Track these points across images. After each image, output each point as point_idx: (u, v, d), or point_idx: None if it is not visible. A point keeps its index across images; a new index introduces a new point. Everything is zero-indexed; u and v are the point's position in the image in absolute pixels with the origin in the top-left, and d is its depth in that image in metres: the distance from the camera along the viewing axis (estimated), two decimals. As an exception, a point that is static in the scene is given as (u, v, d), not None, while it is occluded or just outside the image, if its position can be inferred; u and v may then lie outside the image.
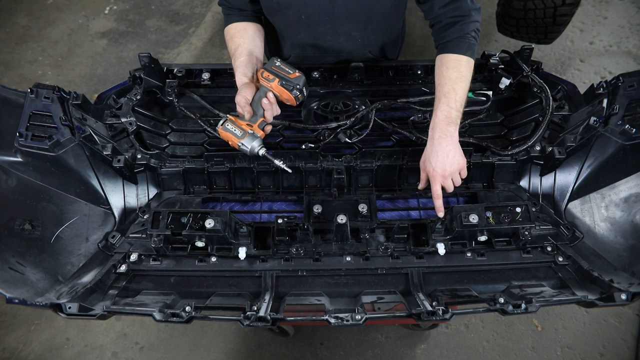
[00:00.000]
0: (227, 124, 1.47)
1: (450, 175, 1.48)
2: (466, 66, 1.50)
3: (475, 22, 1.53)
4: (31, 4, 3.95)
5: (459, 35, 1.51)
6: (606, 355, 2.44)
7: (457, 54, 1.50)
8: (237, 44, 1.58)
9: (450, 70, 1.49)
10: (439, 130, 1.45)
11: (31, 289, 1.36)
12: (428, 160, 1.50)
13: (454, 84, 1.47)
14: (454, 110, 1.46)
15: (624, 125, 1.55)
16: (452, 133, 1.46)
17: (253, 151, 1.48)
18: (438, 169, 1.46)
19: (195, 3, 3.95)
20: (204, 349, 2.47)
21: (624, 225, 1.58)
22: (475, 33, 1.54)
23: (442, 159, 1.46)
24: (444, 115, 1.45)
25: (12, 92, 1.58)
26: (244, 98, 1.45)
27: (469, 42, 1.51)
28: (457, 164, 1.48)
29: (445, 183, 1.49)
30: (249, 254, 1.54)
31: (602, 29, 3.58)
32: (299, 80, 1.46)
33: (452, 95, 1.46)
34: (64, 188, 1.62)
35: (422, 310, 1.31)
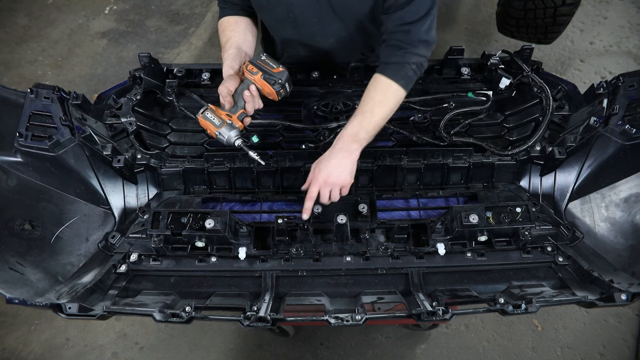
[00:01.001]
0: (207, 112, 1.49)
1: (331, 186, 1.46)
2: (394, 94, 1.45)
3: (418, 56, 1.45)
4: (31, 4, 3.95)
5: (398, 62, 1.45)
6: (606, 355, 2.44)
7: (389, 79, 1.44)
8: (228, 37, 1.59)
9: (377, 92, 1.46)
10: (342, 142, 1.45)
11: (31, 289, 1.36)
12: (319, 163, 1.48)
13: (375, 106, 1.44)
14: (364, 132, 1.44)
15: (624, 125, 1.55)
16: (353, 150, 1.45)
17: (229, 141, 1.49)
18: (323, 173, 1.45)
19: (195, 3, 3.95)
20: (204, 349, 2.47)
21: (624, 225, 1.58)
22: (416, 67, 1.46)
23: (332, 168, 1.44)
24: (353, 131, 1.44)
25: (12, 92, 1.58)
26: (226, 88, 1.47)
27: (405, 72, 1.45)
28: (344, 179, 1.46)
29: (323, 190, 1.46)
30: (249, 254, 1.54)
31: (602, 29, 3.58)
32: (281, 75, 1.47)
33: (368, 116, 1.43)
34: (64, 188, 1.62)
35: (422, 311, 1.31)
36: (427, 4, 1.41)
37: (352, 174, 1.48)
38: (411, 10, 1.41)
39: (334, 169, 1.44)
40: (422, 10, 1.41)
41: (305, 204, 1.49)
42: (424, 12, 1.41)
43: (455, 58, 1.83)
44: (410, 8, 1.40)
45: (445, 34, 3.61)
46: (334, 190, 1.47)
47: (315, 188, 1.46)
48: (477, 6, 3.76)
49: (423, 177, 1.77)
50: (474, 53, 3.37)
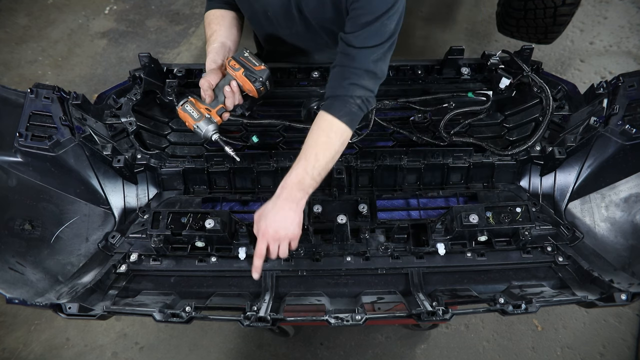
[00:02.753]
0: (187, 105, 1.50)
1: (279, 241, 1.36)
2: (337, 133, 1.34)
3: (363, 89, 1.34)
4: (31, 4, 3.95)
5: (342, 95, 1.34)
6: (606, 355, 2.44)
7: (333, 116, 1.34)
8: (213, 30, 1.59)
9: (320, 133, 1.35)
10: (287, 192, 1.35)
11: (31, 289, 1.36)
12: (264, 217, 1.36)
13: (319, 150, 1.34)
14: (309, 178, 1.34)
15: (624, 125, 1.55)
16: (299, 199, 1.36)
17: (207, 135, 1.49)
18: (271, 229, 1.34)
19: (195, 3, 3.94)
20: (204, 349, 2.47)
21: (624, 225, 1.58)
22: (362, 102, 1.35)
23: (279, 222, 1.34)
24: (297, 178, 1.34)
25: (12, 92, 1.58)
26: (207, 82, 1.47)
27: (349, 108, 1.34)
28: (292, 233, 1.37)
29: (272, 246, 1.37)
30: (249, 254, 1.54)
31: (602, 29, 3.57)
32: (262, 73, 1.48)
33: (312, 160, 1.34)
34: (64, 188, 1.62)
35: (422, 311, 1.31)
36: (381, 35, 1.31)
37: (300, 225, 1.38)
38: (362, 36, 1.31)
39: (282, 222, 1.34)
40: (374, 39, 1.31)
41: (255, 262, 1.37)
42: (376, 42, 1.31)
43: (455, 58, 1.83)
44: (362, 34, 1.31)
45: (445, 34, 3.61)
46: (282, 245, 1.37)
47: (263, 245, 1.36)
48: (477, 6, 3.76)
49: (423, 177, 1.77)
50: (474, 53, 3.37)
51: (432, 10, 3.72)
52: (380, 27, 1.30)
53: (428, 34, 3.59)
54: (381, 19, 1.29)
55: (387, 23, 1.30)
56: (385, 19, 1.29)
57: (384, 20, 1.29)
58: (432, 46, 3.52)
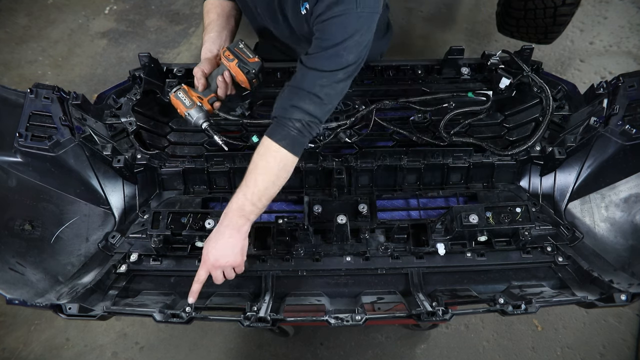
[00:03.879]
0: (179, 92, 1.51)
1: (221, 268, 1.36)
2: (276, 157, 1.31)
3: (302, 111, 1.29)
4: (31, 4, 3.95)
5: (280, 116, 1.32)
6: (606, 355, 2.44)
7: (271, 140, 1.31)
8: (210, 19, 1.60)
9: (259, 157, 1.33)
10: (228, 219, 1.34)
11: (31, 289, 1.36)
12: (207, 243, 1.36)
13: (258, 175, 1.32)
14: (249, 204, 1.32)
15: (624, 125, 1.55)
16: (240, 226, 1.34)
17: (197, 123, 1.51)
18: (211, 256, 1.34)
19: (195, 3, 3.94)
20: (204, 349, 2.47)
21: (624, 226, 1.58)
22: (302, 126, 1.30)
23: (219, 250, 1.34)
24: (237, 205, 1.33)
25: (12, 92, 1.58)
26: (201, 70, 1.48)
27: (288, 132, 1.30)
28: (234, 260, 1.36)
29: (215, 273, 1.37)
30: (249, 254, 1.54)
31: (602, 29, 3.57)
32: (255, 66, 1.50)
33: (251, 185, 1.32)
34: (64, 188, 1.62)
35: (422, 311, 1.31)
36: (335, 63, 1.27)
37: (242, 253, 1.37)
38: (315, 58, 1.28)
39: (223, 250, 1.34)
40: (326, 65, 1.27)
41: (193, 287, 1.37)
42: (328, 67, 1.27)
43: (455, 58, 1.83)
44: (316, 56, 1.28)
45: (445, 34, 3.61)
46: (227, 272, 1.39)
47: (203, 271, 1.36)
48: (477, 6, 3.75)
49: (423, 177, 1.77)
50: (474, 53, 3.36)
51: (432, 10, 3.72)
52: (334, 54, 1.26)
53: (428, 34, 3.58)
54: (337, 48, 1.26)
55: (342, 53, 1.26)
56: (341, 48, 1.26)
57: (339, 50, 1.26)
58: (432, 46, 3.51)
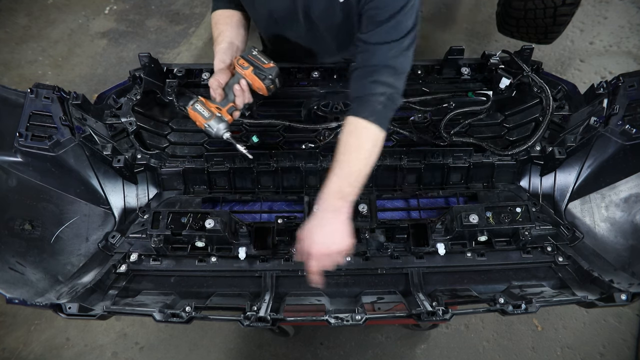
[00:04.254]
0: (197, 104, 1.49)
1: (330, 256, 1.31)
2: (368, 135, 1.31)
3: (384, 85, 1.30)
4: (31, 4, 3.95)
5: (363, 95, 1.32)
6: (606, 355, 2.44)
7: (359, 118, 1.30)
8: (220, 30, 1.59)
9: (350, 137, 1.32)
10: (327, 203, 1.30)
11: (31, 289, 1.36)
12: (310, 233, 1.31)
13: (351, 154, 1.31)
14: (347, 185, 1.30)
15: (624, 125, 1.55)
16: (341, 209, 1.30)
17: (218, 134, 1.48)
18: (320, 245, 1.29)
19: (195, 3, 3.94)
20: (204, 349, 2.47)
21: (624, 226, 1.58)
22: (385, 99, 1.31)
23: (327, 236, 1.30)
24: (335, 188, 1.30)
25: (12, 92, 1.58)
26: (217, 81, 1.47)
27: (373, 107, 1.30)
28: (342, 244, 1.31)
29: (325, 262, 1.31)
30: (249, 254, 1.54)
31: (602, 29, 3.57)
32: (272, 71, 1.48)
33: (345, 167, 1.30)
34: (64, 188, 1.62)
35: (422, 311, 1.31)
36: (399, 31, 1.30)
37: (348, 235, 1.32)
38: (379, 33, 1.31)
39: (330, 236, 1.30)
40: (391, 35, 1.30)
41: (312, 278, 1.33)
42: (394, 37, 1.30)
43: (455, 58, 1.83)
44: (379, 31, 1.31)
45: (445, 34, 3.61)
46: (336, 257, 1.32)
47: (313, 262, 1.31)
48: (477, 6, 3.75)
49: (423, 177, 1.77)
50: (474, 53, 3.36)
51: (432, 10, 3.72)
52: (396, 24, 1.30)
53: (428, 34, 3.58)
54: (397, 17, 1.29)
55: (402, 20, 1.30)
56: (401, 15, 1.29)
57: (400, 18, 1.29)
58: (432, 46, 3.51)
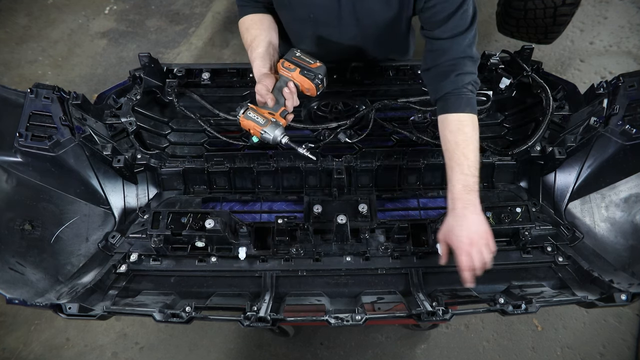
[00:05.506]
0: (249, 112, 1.44)
1: (477, 246, 1.32)
2: (470, 125, 1.39)
3: (469, 74, 1.39)
4: (31, 4, 3.95)
5: (453, 90, 1.39)
6: (606, 355, 2.44)
7: (457, 114, 1.38)
8: (254, 35, 1.56)
9: (454, 134, 1.38)
10: (461, 200, 1.34)
11: (31, 289, 1.36)
12: (451, 232, 1.35)
13: (463, 149, 1.36)
14: (470, 177, 1.35)
15: (624, 125, 1.55)
16: (474, 201, 1.35)
17: (276, 139, 1.45)
18: (464, 238, 1.32)
19: (195, 3, 3.94)
20: (204, 349, 2.47)
21: (624, 226, 1.58)
22: (472, 86, 1.40)
23: (468, 229, 1.33)
24: (461, 184, 1.35)
25: (12, 92, 1.58)
26: (264, 87, 1.43)
27: (467, 98, 1.38)
28: (485, 233, 1.34)
29: (475, 255, 1.32)
30: (249, 254, 1.54)
31: (602, 29, 3.57)
32: (320, 70, 1.45)
33: (464, 161, 1.35)
34: (64, 188, 1.62)
35: (422, 311, 1.31)
36: (465, 20, 1.37)
37: (486, 225, 1.36)
38: (449, 27, 1.37)
39: (471, 228, 1.33)
40: (461, 26, 1.37)
41: (464, 275, 1.33)
42: (463, 27, 1.37)
43: (455, 58, 1.83)
44: (448, 25, 1.37)
45: (445, 34, 3.61)
46: (483, 249, 1.33)
47: (465, 257, 1.32)
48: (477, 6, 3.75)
49: (423, 177, 1.77)
50: (474, 53, 3.36)
51: (432, 10, 3.71)
52: (463, 13, 1.36)
53: (428, 34, 3.58)
54: (462, 6, 1.36)
55: (467, 8, 1.37)
56: (465, 4, 1.36)
57: (464, 7, 1.36)
58: (432, 46, 3.51)
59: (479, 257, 1.33)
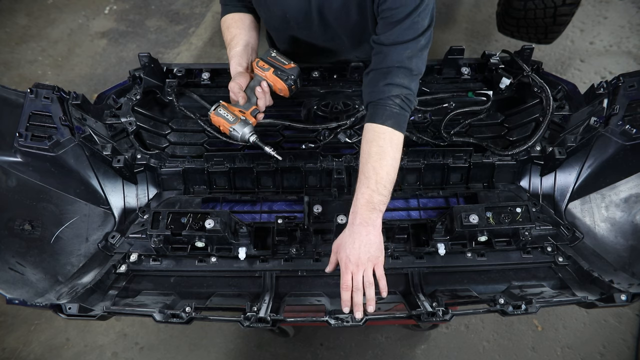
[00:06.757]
0: (220, 109, 1.48)
1: (363, 267, 1.28)
2: (388, 139, 1.29)
3: (399, 86, 1.30)
4: (31, 4, 3.95)
5: (378, 99, 1.32)
6: (606, 355, 2.44)
7: (376, 124, 1.30)
8: (233, 34, 1.58)
9: (369, 145, 1.30)
10: (360, 216, 1.28)
11: (31, 289, 1.36)
12: (343, 246, 1.31)
13: (375, 163, 1.28)
14: (377, 194, 1.28)
15: (624, 125, 1.55)
16: (374, 221, 1.29)
17: (244, 137, 1.48)
18: (352, 257, 1.27)
19: (195, 3, 3.95)
20: (204, 349, 2.47)
21: (624, 226, 1.58)
22: (401, 101, 1.30)
23: (359, 249, 1.27)
24: (365, 199, 1.28)
25: (12, 92, 1.58)
26: (237, 85, 1.46)
27: (390, 111, 1.29)
28: (375, 257, 1.29)
29: (356, 275, 1.28)
30: (249, 254, 1.54)
31: (602, 29, 3.58)
32: (293, 71, 1.48)
33: (372, 176, 1.28)
34: (64, 188, 1.62)
35: (422, 311, 1.31)
36: (414, 31, 1.30)
37: (382, 249, 1.32)
38: (394, 33, 1.31)
39: (364, 248, 1.28)
40: (406, 35, 1.30)
41: (343, 296, 1.29)
42: (408, 37, 1.30)
43: (455, 58, 1.83)
44: (394, 31, 1.30)
45: (445, 34, 3.61)
46: (367, 273, 1.29)
47: (348, 276, 1.28)
48: (477, 6, 3.76)
49: (423, 177, 1.77)
50: (474, 53, 3.37)
51: (432, 10, 3.72)
52: (411, 24, 1.29)
53: (428, 34, 3.58)
54: (412, 16, 1.28)
55: (418, 20, 1.29)
56: (417, 15, 1.29)
57: (415, 17, 1.29)
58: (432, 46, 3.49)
59: (360, 280, 1.28)
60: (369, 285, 1.29)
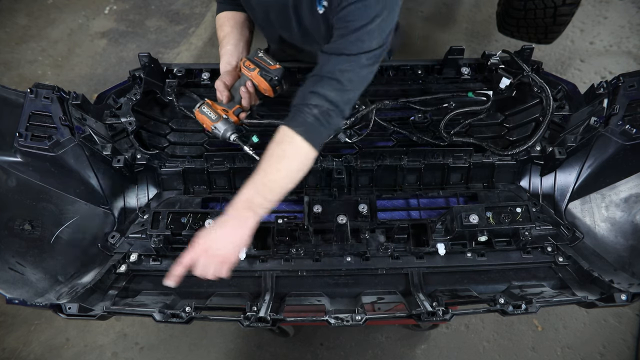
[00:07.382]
0: (204, 107, 1.51)
1: (209, 259, 1.21)
2: (292, 145, 1.22)
3: (319, 96, 1.23)
4: (31, 4, 3.94)
5: (298, 103, 1.27)
6: (606, 355, 2.44)
7: (287, 127, 1.23)
8: (225, 32, 1.60)
9: (272, 145, 1.24)
10: (234, 210, 1.22)
11: (31, 289, 1.36)
12: (204, 232, 1.24)
13: (269, 165, 1.23)
14: (259, 196, 1.22)
15: (625, 125, 1.55)
16: (246, 220, 1.22)
17: (225, 135, 1.51)
18: (204, 241, 1.21)
19: (195, 3, 3.94)
20: (204, 349, 2.47)
21: (624, 226, 1.58)
22: (319, 112, 1.23)
23: (216, 238, 1.21)
24: (245, 197, 1.22)
25: (12, 92, 1.58)
26: (223, 83, 1.47)
27: (304, 118, 1.23)
28: (225, 254, 1.22)
29: (199, 262, 1.21)
30: (249, 254, 1.54)
31: (602, 29, 3.57)
32: (277, 72, 1.50)
33: (262, 176, 1.22)
34: (63, 188, 1.62)
35: (422, 311, 1.31)
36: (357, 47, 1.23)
37: (237, 249, 1.23)
38: (335, 44, 1.26)
39: (218, 240, 1.21)
40: (347, 49, 1.24)
41: (174, 269, 1.21)
42: (348, 51, 1.23)
43: (455, 58, 1.83)
44: (336, 43, 1.26)
45: (445, 34, 3.61)
46: (213, 266, 1.21)
47: (190, 254, 1.21)
48: (477, 6, 3.75)
49: (423, 177, 1.77)
50: (474, 53, 3.36)
51: (432, 10, 3.72)
52: (355, 40, 1.23)
53: (428, 34, 3.58)
54: (358, 33, 1.22)
55: (364, 38, 1.23)
56: (363, 33, 1.22)
57: (361, 35, 1.22)
58: (432, 46, 3.51)
59: (201, 267, 1.21)
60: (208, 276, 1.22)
